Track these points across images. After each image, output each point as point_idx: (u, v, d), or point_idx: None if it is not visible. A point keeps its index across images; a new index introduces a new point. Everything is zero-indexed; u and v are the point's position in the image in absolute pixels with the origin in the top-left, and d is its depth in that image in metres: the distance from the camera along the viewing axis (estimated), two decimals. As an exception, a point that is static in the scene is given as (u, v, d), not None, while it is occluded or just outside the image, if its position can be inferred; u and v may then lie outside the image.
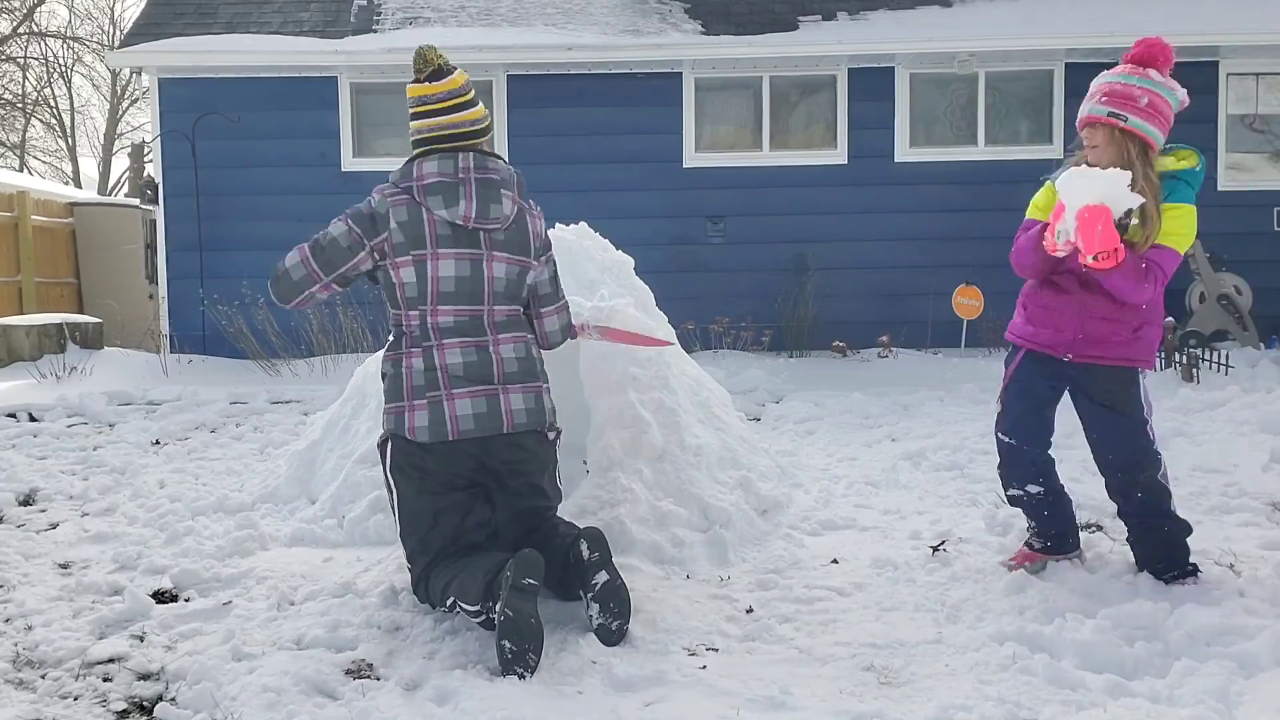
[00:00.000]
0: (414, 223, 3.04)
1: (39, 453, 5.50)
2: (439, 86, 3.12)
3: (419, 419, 3.02)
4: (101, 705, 2.65)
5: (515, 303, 3.17)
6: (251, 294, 8.81)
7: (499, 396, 3.05)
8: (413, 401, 3.04)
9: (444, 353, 3.05)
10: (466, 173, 3.06)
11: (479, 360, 3.06)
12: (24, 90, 25.92)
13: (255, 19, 9.95)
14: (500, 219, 3.09)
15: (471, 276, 3.07)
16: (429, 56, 3.14)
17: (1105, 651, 2.75)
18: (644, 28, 9.54)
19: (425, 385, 3.04)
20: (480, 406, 3.03)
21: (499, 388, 3.06)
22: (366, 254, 3.09)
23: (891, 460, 5.06)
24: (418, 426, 3.02)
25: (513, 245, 3.13)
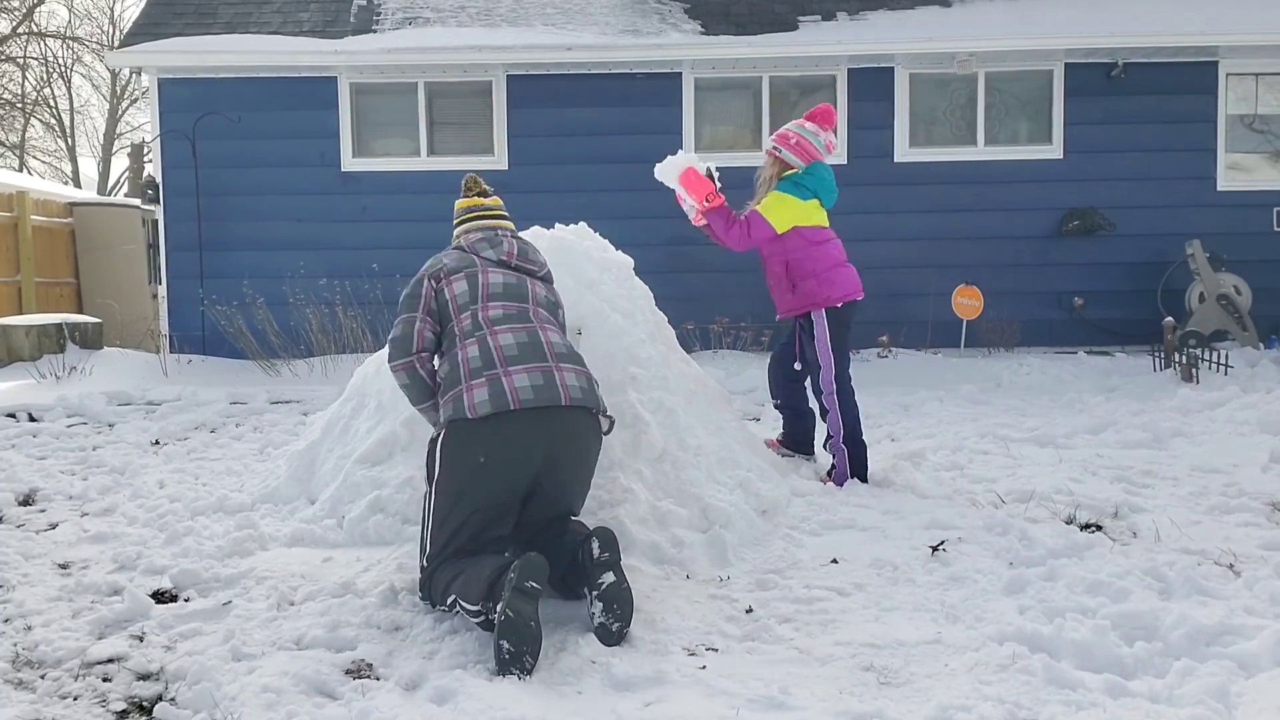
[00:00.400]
0: (463, 259, 3.47)
1: (38, 453, 5.50)
2: (488, 201, 3.67)
3: (478, 395, 3.08)
4: (101, 705, 2.65)
5: (555, 318, 3.48)
6: (251, 294, 8.82)
7: (554, 371, 3.18)
8: (470, 382, 3.13)
9: (497, 337, 3.23)
10: (505, 235, 3.57)
11: (530, 341, 3.24)
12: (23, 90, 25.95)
13: (255, 19, 9.95)
14: (538, 264, 3.56)
15: (517, 285, 3.43)
16: (479, 182, 3.74)
17: (1104, 651, 2.75)
18: (644, 28, 9.54)
19: (482, 365, 3.16)
20: (537, 379, 3.13)
21: (553, 364, 3.20)
22: (429, 281, 3.44)
23: (891, 460, 5.05)
24: (478, 402, 3.07)
25: (547, 283, 3.59)
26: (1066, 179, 9.50)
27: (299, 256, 9.23)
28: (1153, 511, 4.08)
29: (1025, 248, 9.56)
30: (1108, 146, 9.47)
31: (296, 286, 8.94)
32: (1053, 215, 9.51)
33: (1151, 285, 9.33)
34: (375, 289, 8.80)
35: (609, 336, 4.11)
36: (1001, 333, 9.03)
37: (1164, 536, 3.78)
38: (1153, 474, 4.67)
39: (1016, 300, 9.23)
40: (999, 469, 4.84)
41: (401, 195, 9.52)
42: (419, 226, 9.17)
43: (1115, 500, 4.18)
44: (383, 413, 4.25)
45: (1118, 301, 9.44)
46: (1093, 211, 9.39)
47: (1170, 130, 9.49)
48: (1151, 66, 9.42)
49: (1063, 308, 9.54)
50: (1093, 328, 9.46)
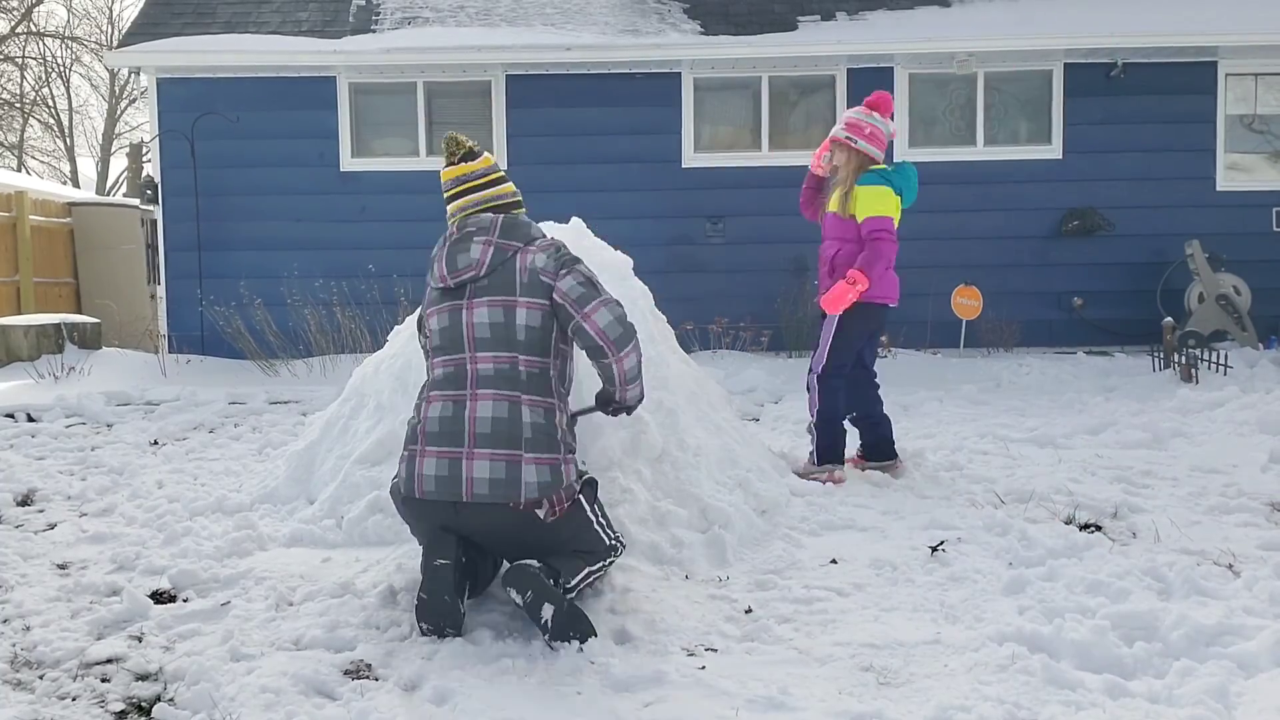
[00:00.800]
0: (426, 293, 3.24)
1: (37, 453, 5.49)
2: (475, 165, 3.22)
3: (401, 469, 3.11)
4: (100, 706, 2.64)
5: (508, 349, 3.00)
6: (250, 294, 8.81)
7: (462, 460, 2.94)
8: (402, 451, 3.13)
9: (429, 406, 3.06)
10: (448, 238, 3.16)
11: (452, 417, 2.99)
12: (22, 90, 25.94)
13: (254, 19, 9.95)
14: (469, 266, 3.07)
15: (451, 325, 3.08)
16: (459, 140, 3.25)
17: (1104, 652, 2.75)
18: (643, 28, 9.54)
19: (410, 438, 3.09)
20: (443, 469, 2.96)
21: (464, 450, 2.95)
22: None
23: (890, 460, 5.06)
24: (397, 478, 3.15)
25: (495, 288, 3.05)
26: (1066, 179, 9.50)
27: (298, 256, 9.22)
28: (1152, 512, 4.07)
29: (1025, 248, 9.56)
30: (1107, 146, 9.47)
31: (295, 286, 8.94)
32: (1052, 215, 9.51)
33: (1151, 285, 9.33)
34: (374, 289, 8.80)
35: (608, 336, 4.10)
36: (1001, 333, 9.03)
37: (1163, 537, 3.78)
38: (1152, 474, 4.67)
39: (1016, 300, 9.23)
40: (998, 469, 4.84)
41: (400, 195, 9.51)
42: (418, 226, 9.15)
43: (1115, 500, 4.18)
44: (382, 413, 4.25)
45: (1117, 302, 9.44)
46: (1092, 212, 9.39)
47: (1169, 130, 9.49)
48: (1151, 66, 9.42)
49: (1062, 308, 9.54)
50: (1092, 328, 9.46)
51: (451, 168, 3.24)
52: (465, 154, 3.23)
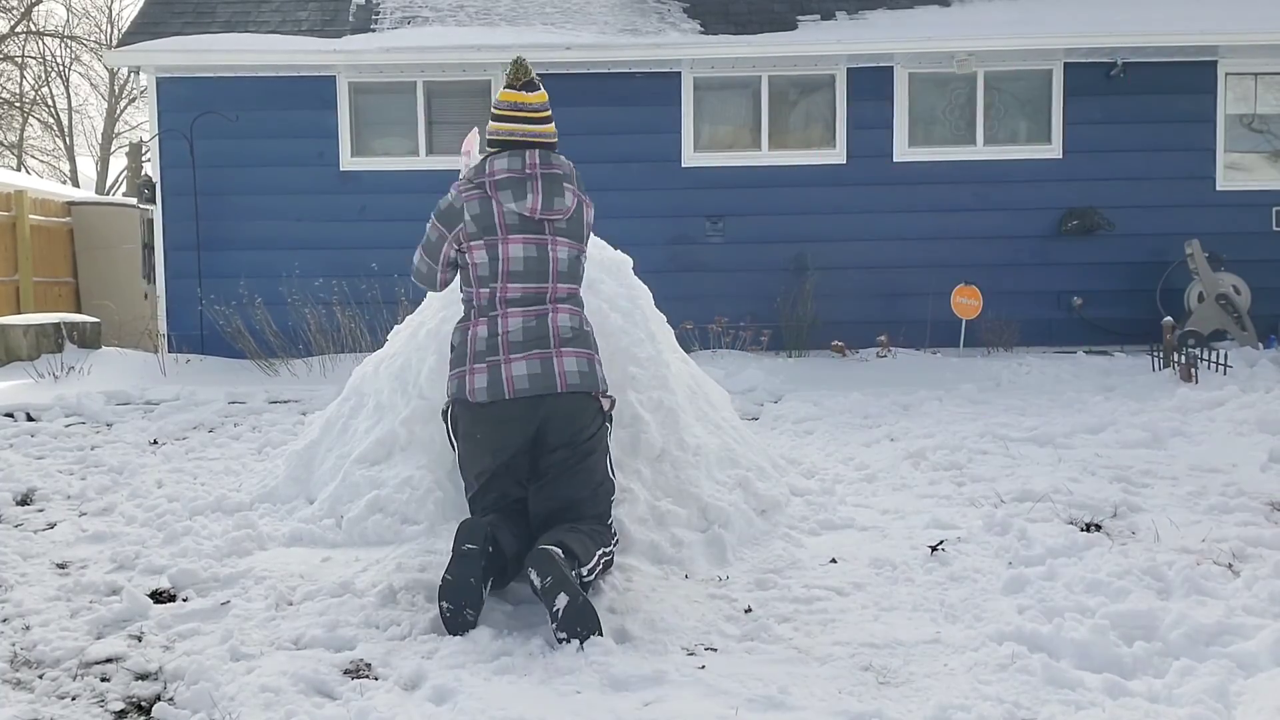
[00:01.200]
0: (485, 214, 3.35)
1: (36, 452, 5.49)
2: (533, 98, 3.43)
3: (479, 381, 3.29)
4: (99, 705, 2.64)
5: (574, 281, 3.46)
6: (249, 293, 8.81)
7: (553, 359, 3.30)
8: (473, 365, 3.32)
9: (507, 320, 3.33)
10: (534, 169, 3.36)
11: (537, 326, 3.33)
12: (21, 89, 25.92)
13: (253, 18, 9.94)
14: (563, 210, 3.39)
15: (538, 258, 3.36)
16: (526, 67, 3.47)
17: (1104, 651, 2.75)
18: (642, 27, 9.53)
19: (486, 350, 3.31)
20: (535, 368, 3.28)
21: (553, 351, 3.31)
22: (450, 242, 3.42)
23: (890, 460, 5.06)
24: (478, 388, 3.29)
25: (571, 232, 3.43)
26: (1066, 179, 9.50)
27: (297, 256, 9.22)
28: (1152, 511, 4.07)
29: (1024, 247, 9.56)
30: (1107, 146, 9.47)
31: (295, 286, 8.93)
32: (1052, 215, 9.51)
33: (1150, 285, 9.33)
34: (374, 288, 8.79)
35: (608, 336, 4.10)
36: (1001, 332, 9.03)
37: (1163, 536, 3.78)
38: (1152, 473, 4.67)
39: (1016, 300, 9.23)
40: (998, 468, 4.84)
41: (400, 195, 9.50)
42: (418, 226, 9.12)
43: (1114, 500, 4.18)
44: (381, 412, 4.25)
45: (1117, 301, 9.44)
46: (1092, 211, 9.39)
47: (1169, 130, 9.49)
48: (1151, 66, 9.42)
49: (1062, 307, 9.54)
50: (1092, 327, 9.46)
51: (512, 90, 3.44)
52: (527, 83, 3.45)
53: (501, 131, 3.42)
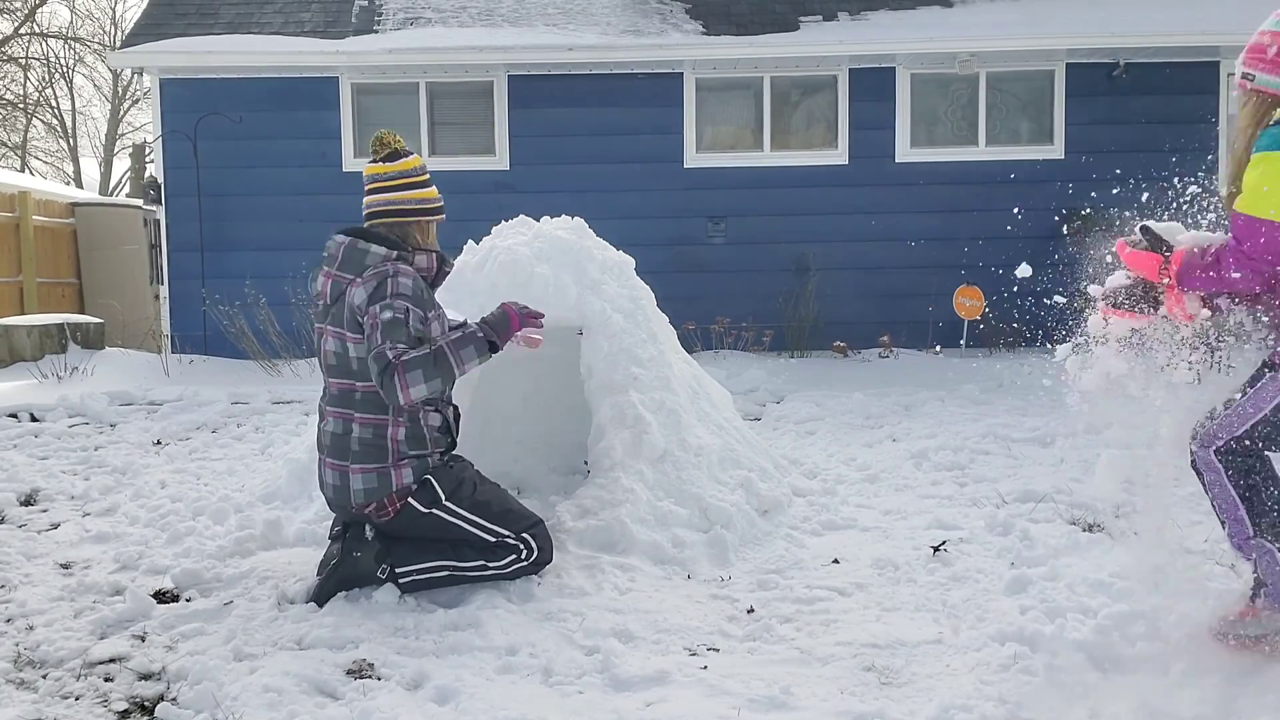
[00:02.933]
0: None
1: (40, 453, 5.50)
2: (391, 167, 3.33)
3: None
4: (103, 705, 2.65)
5: (346, 377, 3.24)
6: (253, 294, 8.81)
7: (320, 466, 3.35)
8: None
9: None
10: (334, 247, 3.32)
11: (318, 430, 3.38)
12: (25, 91, 25.96)
13: (257, 19, 9.96)
14: (318, 295, 3.32)
15: (319, 349, 3.35)
16: (385, 139, 3.35)
17: (1106, 651, 2.75)
18: (645, 28, 9.54)
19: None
20: (322, 474, 3.34)
21: (320, 457, 3.34)
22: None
23: (893, 460, 5.06)
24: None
25: (335, 319, 3.25)
26: (1068, 179, 9.49)
27: (301, 256, 9.20)
28: (1154, 512, 4.06)
29: (1026, 248, 9.54)
30: (1109, 146, 9.46)
31: (298, 286, 8.93)
32: (1054, 215, 9.50)
33: (1152, 285, 9.31)
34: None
35: (610, 337, 4.11)
36: (1003, 333, 9.02)
37: (1165, 536, 3.77)
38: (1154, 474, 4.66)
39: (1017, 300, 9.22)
40: (1000, 469, 4.84)
41: (403, 195, 9.51)
42: (420, 227, 9.17)
43: (1115, 500, 4.17)
44: (384, 413, 4.25)
45: (1119, 301, 9.41)
46: (1094, 212, 9.38)
47: (1171, 130, 9.48)
48: (1153, 67, 9.41)
49: (1064, 308, 9.52)
50: (1094, 328, 9.43)
51: (370, 164, 3.38)
52: (388, 154, 3.35)
53: (369, 204, 3.39)
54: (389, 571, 3.22)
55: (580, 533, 3.63)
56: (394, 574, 3.22)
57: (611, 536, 3.59)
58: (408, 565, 3.22)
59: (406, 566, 3.22)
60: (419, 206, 3.32)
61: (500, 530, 3.28)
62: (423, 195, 3.33)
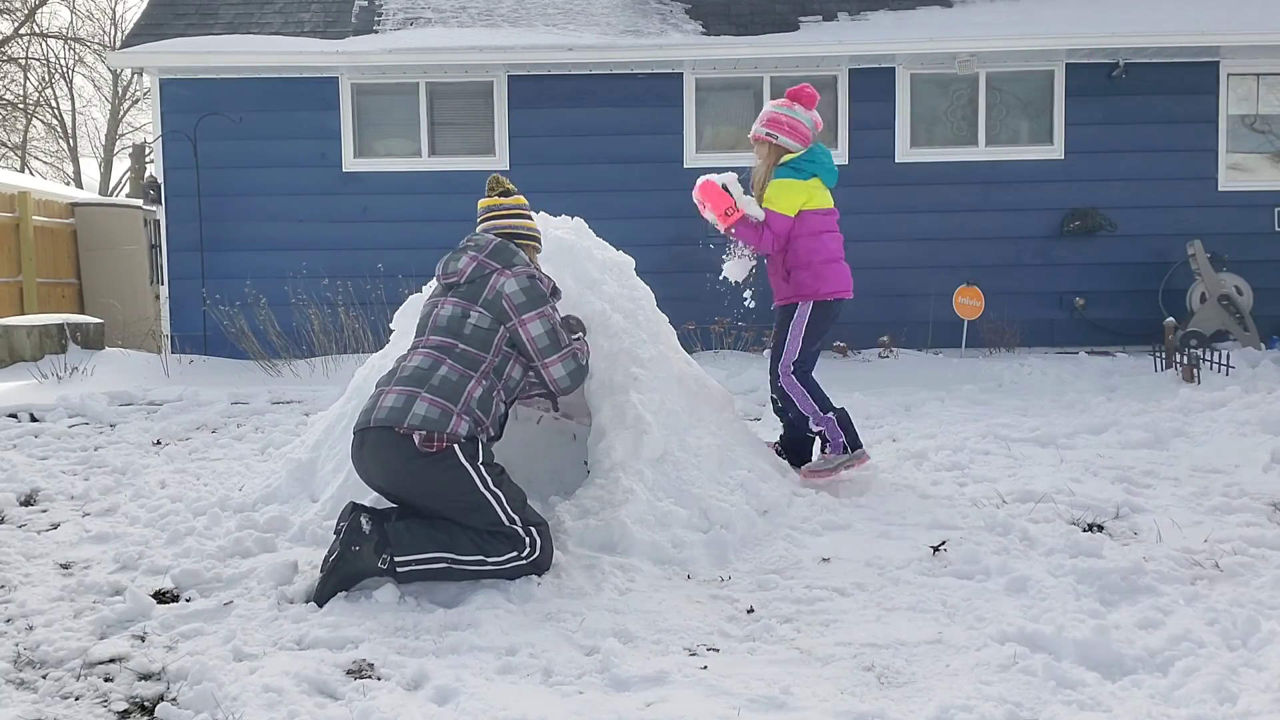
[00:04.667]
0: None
1: (40, 453, 5.50)
2: (504, 201, 3.82)
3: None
4: (103, 705, 2.65)
5: (453, 337, 3.51)
6: (253, 294, 8.82)
7: (380, 395, 3.43)
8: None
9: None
10: (467, 244, 3.69)
11: (394, 369, 3.53)
12: (25, 91, 25.97)
13: (256, 19, 9.96)
14: (455, 272, 3.62)
15: (429, 313, 3.64)
16: (501, 181, 3.87)
17: (1106, 651, 2.76)
18: (645, 28, 9.54)
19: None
20: (368, 404, 3.46)
21: (386, 388, 3.44)
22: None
23: (892, 460, 5.06)
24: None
25: (468, 295, 3.57)
26: (1067, 179, 9.50)
27: (301, 257, 9.23)
28: (1154, 512, 4.07)
29: (1026, 248, 9.56)
30: (1109, 147, 9.47)
31: (298, 287, 8.95)
32: (1054, 215, 9.51)
33: (1153, 285, 9.32)
34: (377, 289, 8.80)
35: (610, 337, 4.11)
36: (1003, 333, 9.03)
37: (1165, 537, 3.78)
38: (1154, 474, 4.67)
39: (1018, 300, 9.23)
40: (1000, 469, 4.84)
41: (403, 195, 9.53)
42: (420, 227, 9.18)
43: (1116, 500, 4.18)
44: (384, 413, 4.25)
45: (1119, 302, 9.44)
46: (1094, 212, 9.39)
47: (1171, 130, 9.49)
48: (1152, 67, 9.42)
49: (1064, 308, 9.54)
50: (1094, 328, 9.45)
51: (486, 199, 3.84)
52: (502, 191, 3.84)
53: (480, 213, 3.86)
54: (389, 562, 3.22)
55: (580, 533, 3.63)
56: (394, 564, 3.22)
57: (611, 536, 3.59)
58: (406, 555, 3.22)
59: (405, 556, 3.22)
60: (533, 234, 3.84)
61: (513, 515, 3.33)
62: (533, 226, 3.85)
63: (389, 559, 3.21)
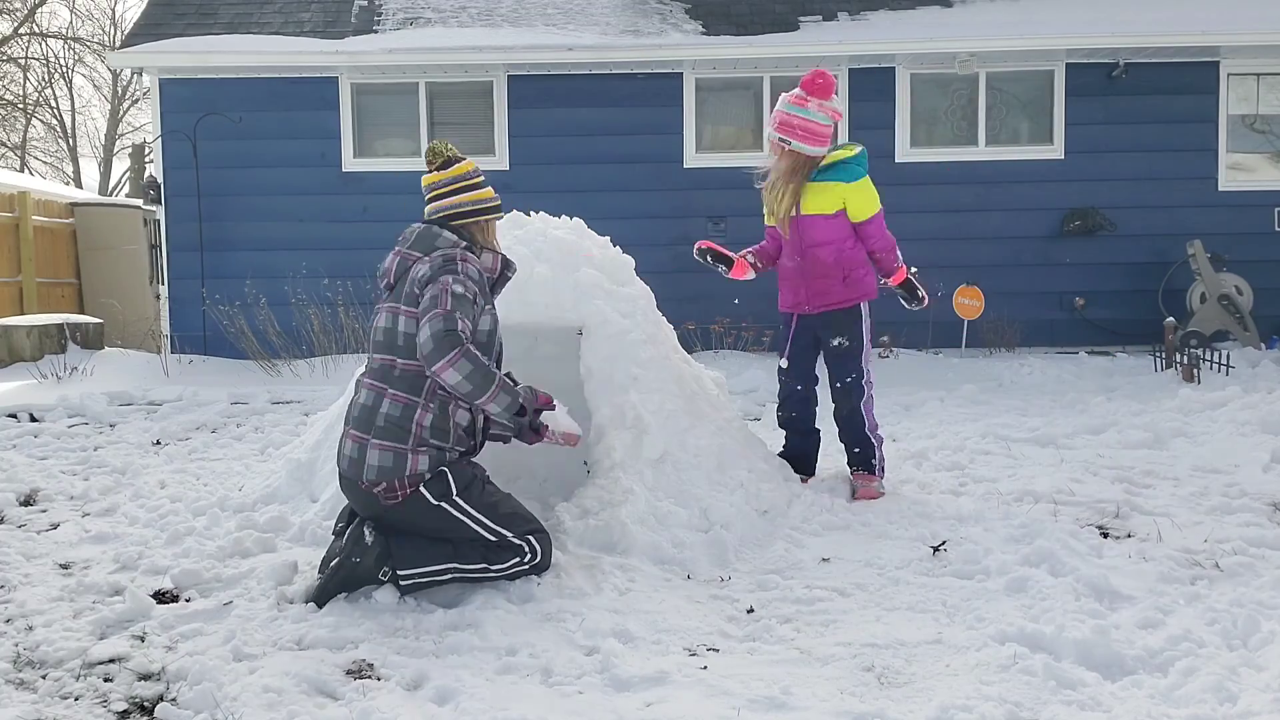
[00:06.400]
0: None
1: (40, 453, 5.50)
2: (445, 174, 3.48)
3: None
4: (102, 705, 2.65)
5: (389, 352, 3.31)
6: (253, 294, 8.82)
7: (342, 438, 3.37)
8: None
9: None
10: (404, 238, 3.47)
11: (349, 402, 3.43)
12: (25, 91, 25.97)
13: (256, 19, 9.96)
14: (383, 273, 3.46)
15: (372, 327, 3.46)
16: (437, 149, 3.51)
17: (1105, 651, 2.75)
18: (644, 28, 9.54)
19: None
20: (342, 444, 3.37)
21: (344, 429, 3.36)
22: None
23: (892, 460, 5.06)
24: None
25: (394, 296, 3.38)
26: (1068, 179, 9.50)
27: (300, 257, 9.23)
28: (1154, 512, 4.07)
29: (1026, 248, 9.56)
30: (1109, 146, 9.47)
31: (298, 286, 8.94)
32: (1054, 215, 9.51)
33: (1153, 285, 9.32)
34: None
35: (610, 338, 4.11)
36: (1002, 333, 9.03)
37: (1165, 537, 3.77)
38: (1154, 474, 4.67)
39: (1017, 300, 9.23)
40: (1000, 469, 4.84)
41: (403, 195, 9.47)
42: (420, 227, 9.16)
43: (1116, 500, 4.18)
44: (384, 413, 4.25)
45: (1119, 302, 9.44)
46: (1094, 212, 9.39)
47: (1171, 130, 9.48)
48: (1152, 67, 9.42)
49: (1064, 308, 9.53)
50: (1094, 328, 9.45)
51: (425, 175, 3.52)
52: (442, 163, 3.49)
53: (432, 211, 3.52)
54: (390, 574, 3.20)
55: (580, 533, 3.63)
56: (396, 576, 3.20)
57: (611, 537, 3.59)
58: (410, 569, 3.20)
59: (409, 569, 3.20)
60: (475, 207, 3.46)
61: (503, 531, 3.27)
62: (477, 196, 3.47)
63: (390, 571, 3.19)
